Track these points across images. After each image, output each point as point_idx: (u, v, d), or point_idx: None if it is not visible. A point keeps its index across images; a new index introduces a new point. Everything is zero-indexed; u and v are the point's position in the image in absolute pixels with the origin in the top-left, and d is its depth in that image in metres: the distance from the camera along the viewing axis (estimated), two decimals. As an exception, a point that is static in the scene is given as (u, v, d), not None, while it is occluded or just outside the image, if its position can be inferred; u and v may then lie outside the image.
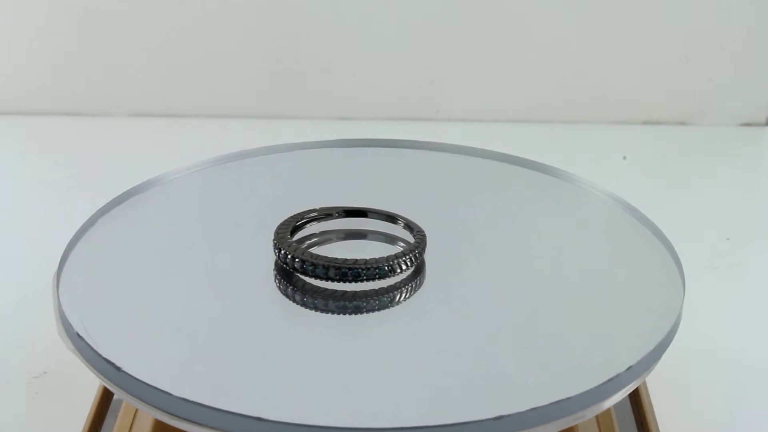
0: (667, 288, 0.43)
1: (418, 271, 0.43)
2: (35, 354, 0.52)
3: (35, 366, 0.52)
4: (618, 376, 0.37)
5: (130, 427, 0.45)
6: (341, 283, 0.42)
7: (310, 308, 0.42)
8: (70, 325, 0.40)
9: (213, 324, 0.41)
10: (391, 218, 0.46)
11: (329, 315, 0.41)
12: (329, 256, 0.42)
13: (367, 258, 0.42)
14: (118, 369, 0.37)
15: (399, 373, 0.39)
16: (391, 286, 0.42)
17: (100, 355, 0.38)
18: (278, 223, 0.45)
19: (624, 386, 0.38)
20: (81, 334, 0.39)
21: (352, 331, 0.41)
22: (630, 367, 0.38)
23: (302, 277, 0.42)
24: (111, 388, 0.38)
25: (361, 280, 0.42)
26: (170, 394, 0.36)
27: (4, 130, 0.79)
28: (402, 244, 0.45)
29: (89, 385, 0.48)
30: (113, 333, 0.40)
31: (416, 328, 0.41)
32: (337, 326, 0.41)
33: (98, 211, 0.48)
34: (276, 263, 0.44)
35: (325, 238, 0.46)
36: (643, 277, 0.45)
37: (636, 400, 0.48)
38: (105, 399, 0.47)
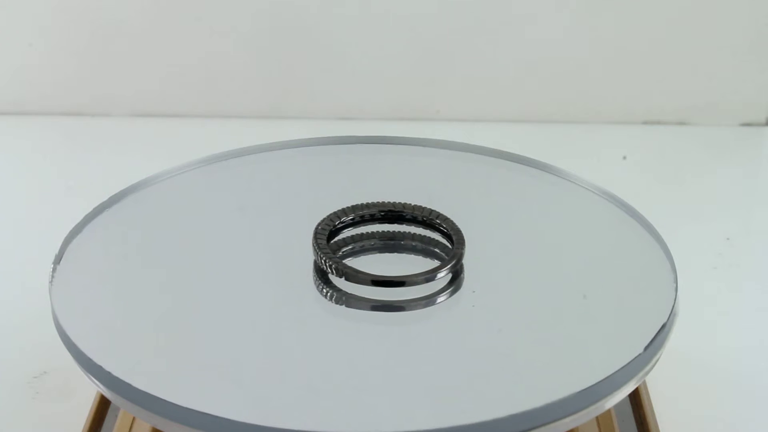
0: (661, 287, 0.43)
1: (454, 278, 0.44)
2: (35, 354, 0.52)
3: (35, 366, 0.52)
4: (615, 374, 0.38)
5: (130, 428, 0.45)
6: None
7: (344, 305, 0.42)
8: (63, 329, 0.40)
9: (212, 327, 0.41)
10: (429, 224, 0.46)
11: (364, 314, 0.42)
12: (368, 268, 0.42)
13: (408, 273, 0.42)
14: (114, 376, 0.37)
15: (400, 376, 0.39)
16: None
17: (98, 365, 0.38)
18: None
19: (622, 386, 0.38)
20: (74, 339, 0.39)
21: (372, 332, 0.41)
22: (625, 366, 0.38)
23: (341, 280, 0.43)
24: (107, 395, 0.38)
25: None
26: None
27: (4, 130, 0.79)
28: (438, 250, 0.45)
29: (89, 386, 0.48)
30: (109, 335, 0.40)
31: (417, 327, 0.41)
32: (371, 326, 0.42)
33: (93, 211, 0.48)
34: (315, 264, 0.43)
35: (363, 245, 0.46)
36: (637, 276, 0.45)
37: (636, 400, 0.48)
38: (105, 399, 0.47)
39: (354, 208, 0.46)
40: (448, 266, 0.42)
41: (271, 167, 0.53)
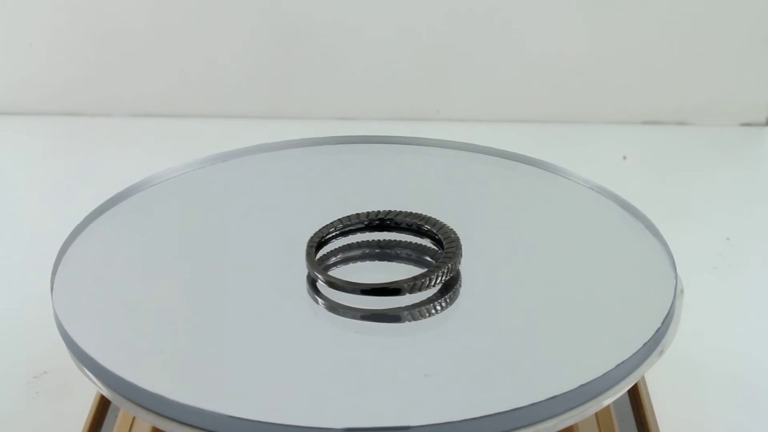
0: (661, 286, 0.43)
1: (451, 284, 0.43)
2: (35, 354, 0.52)
3: (35, 366, 0.52)
4: (612, 371, 0.38)
5: (130, 428, 0.45)
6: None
7: (336, 312, 0.42)
8: (64, 328, 0.40)
9: (214, 327, 0.41)
10: (420, 232, 0.46)
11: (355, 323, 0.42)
12: (359, 278, 0.42)
13: (399, 279, 0.42)
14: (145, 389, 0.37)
15: (397, 375, 0.39)
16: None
17: (100, 365, 0.38)
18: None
19: (619, 382, 0.38)
20: (75, 339, 0.39)
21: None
22: (621, 363, 0.38)
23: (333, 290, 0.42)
24: (107, 394, 0.38)
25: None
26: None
27: (4, 130, 0.79)
28: (428, 258, 0.45)
29: (89, 386, 0.48)
30: (110, 335, 0.40)
31: (416, 327, 0.41)
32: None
33: (93, 211, 0.48)
34: (308, 276, 0.43)
35: (354, 253, 0.46)
36: (637, 275, 0.45)
37: (636, 399, 0.48)
38: (105, 399, 0.47)
39: (349, 218, 0.46)
40: (435, 275, 0.42)
41: (271, 167, 0.53)
